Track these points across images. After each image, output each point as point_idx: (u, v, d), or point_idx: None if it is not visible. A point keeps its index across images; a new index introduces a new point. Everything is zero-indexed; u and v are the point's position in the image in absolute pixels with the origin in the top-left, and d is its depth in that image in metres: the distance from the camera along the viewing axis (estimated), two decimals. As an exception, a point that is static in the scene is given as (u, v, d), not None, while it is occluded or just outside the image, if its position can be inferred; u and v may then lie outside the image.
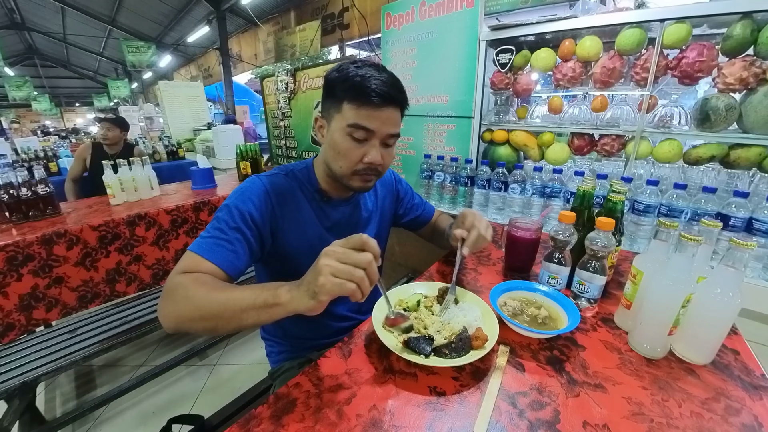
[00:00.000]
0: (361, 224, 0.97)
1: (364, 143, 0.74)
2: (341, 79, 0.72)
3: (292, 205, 0.82)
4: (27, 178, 1.55)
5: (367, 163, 0.75)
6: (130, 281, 1.67)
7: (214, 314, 0.58)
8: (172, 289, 0.62)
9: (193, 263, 0.66)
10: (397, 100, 0.74)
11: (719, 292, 0.60)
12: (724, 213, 1.05)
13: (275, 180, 0.82)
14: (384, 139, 0.76)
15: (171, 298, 0.61)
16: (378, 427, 0.51)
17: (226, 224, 0.71)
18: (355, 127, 0.72)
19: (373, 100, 0.70)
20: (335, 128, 0.74)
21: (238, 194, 0.76)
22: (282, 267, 0.85)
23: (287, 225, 0.81)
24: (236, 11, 7.90)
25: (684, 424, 0.51)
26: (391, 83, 0.72)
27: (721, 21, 1.13)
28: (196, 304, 0.58)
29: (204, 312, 0.58)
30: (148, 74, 13.98)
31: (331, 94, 0.74)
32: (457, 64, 1.67)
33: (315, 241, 0.86)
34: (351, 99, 0.71)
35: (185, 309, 0.59)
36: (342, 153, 0.75)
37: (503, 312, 0.73)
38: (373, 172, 0.78)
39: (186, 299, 0.59)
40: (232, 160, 2.71)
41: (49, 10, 10.08)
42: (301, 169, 0.87)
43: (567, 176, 1.46)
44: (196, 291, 0.59)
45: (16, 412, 1.27)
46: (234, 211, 0.73)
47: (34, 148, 3.84)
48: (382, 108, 0.71)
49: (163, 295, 0.63)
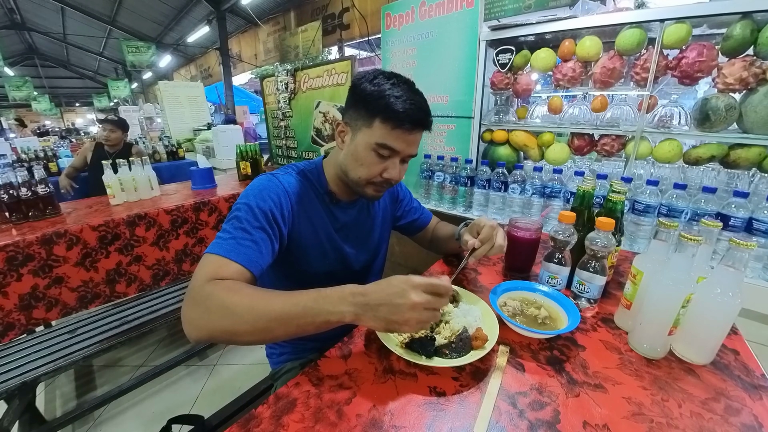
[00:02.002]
0: (367, 227, 0.97)
1: (386, 159, 0.76)
2: (376, 95, 0.71)
3: (306, 204, 0.83)
4: (27, 178, 1.55)
5: (386, 178, 0.77)
6: (131, 282, 1.67)
7: (261, 328, 0.56)
8: (203, 299, 0.58)
9: (219, 267, 0.63)
10: (426, 124, 0.76)
11: (719, 292, 0.60)
12: (724, 213, 1.05)
13: (291, 179, 0.82)
14: (404, 158, 0.79)
15: (203, 308, 0.57)
16: (378, 427, 0.51)
17: (249, 223, 0.70)
18: (384, 147, 0.73)
19: (405, 126, 0.71)
20: (362, 141, 0.75)
21: (257, 192, 0.75)
22: (290, 266, 0.85)
23: (301, 224, 0.82)
24: (236, 11, 7.90)
25: (684, 424, 0.51)
26: (425, 108, 0.75)
27: (721, 21, 1.13)
28: (242, 317, 0.55)
29: (250, 326, 0.55)
30: (148, 74, 13.99)
31: (363, 105, 0.74)
32: (457, 64, 1.67)
33: (325, 242, 0.87)
34: (384, 119, 0.71)
35: (226, 322, 0.56)
36: (364, 165, 0.76)
37: (503, 312, 0.73)
38: (386, 185, 0.80)
39: (224, 310, 0.56)
40: (232, 160, 2.71)
41: (49, 10, 10.07)
42: (311, 170, 0.87)
43: (567, 176, 1.46)
44: (239, 302, 0.56)
45: (16, 412, 1.27)
46: (256, 210, 0.71)
47: (34, 149, 3.84)
48: (413, 132, 0.74)
49: (190, 303, 0.59)
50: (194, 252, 1.87)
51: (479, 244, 0.81)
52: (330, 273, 0.90)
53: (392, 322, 0.54)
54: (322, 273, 0.89)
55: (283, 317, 0.55)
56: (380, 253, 1.05)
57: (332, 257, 0.90)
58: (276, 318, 0.55)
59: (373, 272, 1.05)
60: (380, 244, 1.03)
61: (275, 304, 0.56)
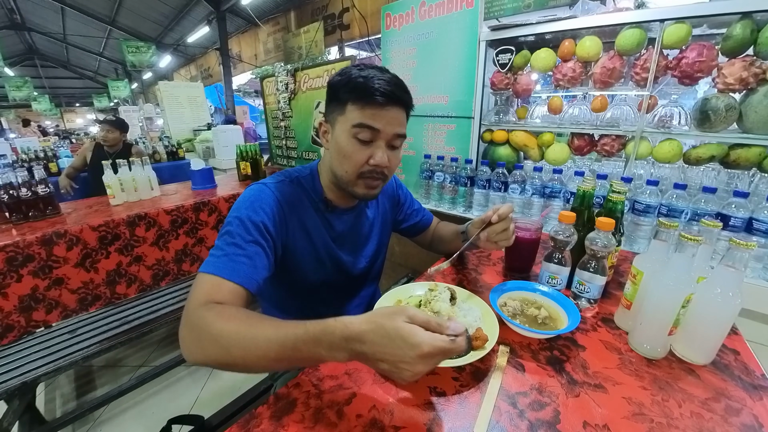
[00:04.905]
0: (365, 234, 0.95)
1: (370, 145, 0.72)
2: (344, 82, 0.71)
3: (301, 214, 0.81)
4: (27, 179, 1.55)
5: (373, 165, 0.73)
6: (131, 282, 1.67)
7: (252, 363, 0.52)
8: (195, 325, 0.56)
9: (213, 288, 0.61)
10: (402, 100, 0.72)
11: (719, 292, 0.60)
12: (724, 213, 1.05)
13: (283, 188, 0.79)
14: (390, 140, 0.74)
15: (196, 335, 0.55)
16: (378, 427, 0.51)
17: (241, 238, 0.67)
18: (360, 126, 0.70)
19: (377, 99, 0.68)
20: (340, 131, 0.73)
21: (248, 204, 0.72)
22: (285, 274, 0.83)
23: (296, 235, 0.80)
24: (236, 11, 7.90)
25: (684, 425, 0.51)
26: (395, 83, 0.71)
27: (721, 21, 1.13)
28: (230, 350, 0.52)
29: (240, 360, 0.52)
30: (148, 74, 13.99)
31: (335, 98, 0.73)
32: (457, 65, 1.67)
33: (321, 251, 0.85)
34: (355, 99, 0.70)
35: (217, 353, 0.53)
36: (347, 155, 0.73)
37: (503, 312, 0.73)
38: (379, 176, 0.76)
39: (214, 342, 0.53)
40: (232, 160, 2.71)
41: (49, 10, 10.07)
42: (305, 177, 0.84)
43: (567, 176, 1.46)
44: (228, 333, 0.52)
45: (15, 412, 1.27)
46: (248, 223, 0.69)
47: (34, 149, 3.84)
48: (387, 107, 0.70)
49: (185, 328, 0.57)
50: (194, 252, 1.87)
51: (497, 219, 0.79)
52: (326, 281, 0.89)
53: (405, 371, 0.45)
54: (318, 282, 0.87)
55: (273, 355, 0.51)
56: (379, 258, 1.03)
57: (329, 266, 0.88)
58: (265, 356, 0.51)
59: (371, 277, 1.03)
60: (379, 250, 1.01)
61: (264, 340, 0.51)
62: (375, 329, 0.45)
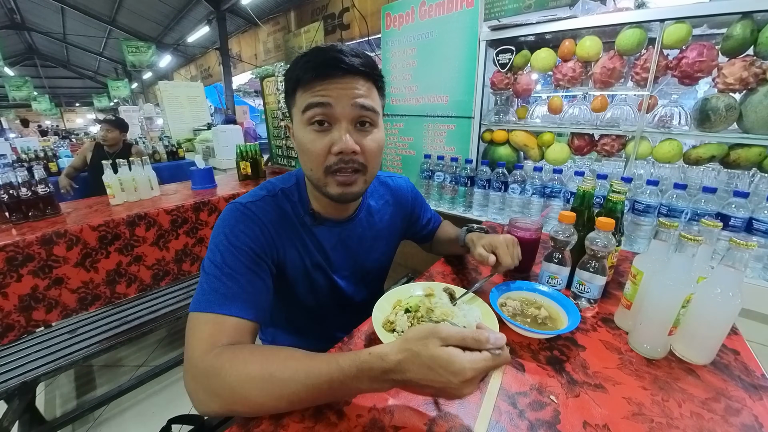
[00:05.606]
0: (364, 247, 0.85)
1: (329, 130, 0.62)
2: (290, 70, 0.63)
3: (288, 231, 0.73)
4: (27, 178, 1.55)
5: (337, 153, 0.61)
6: (131, 282, 1.67)
7: (283, 407, 0.50)
8: (205, 377, 0.51)
9: (214, 329, 0.55)
10: (354, 66, 0.60)
11: (719, 292, 0.60)
12: (724, 213, 1.05)
13: (265, 206, 0.70)
14: (353, 117, 0.62)
15: (209, 390, 0.50)
16: (378, 427, 0.51)
17: (229, 267, 0.61)
18: (310, 107, 0.60)
19: (322, 72, 0.59)
20: (297, 125, 0.65)
21: (229, 231, 0.64)
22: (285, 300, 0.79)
23: (285, 253, 0.73)
24: (236, 11, 7.89)
25: (684, 425, 0.51)
26: (340, 49, 0.60)
27: (721, 21, 1.13)
28: (256, 400, 0.49)
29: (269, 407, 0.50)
30: (148, 74, 13.98)
31: (288, 92, 0.66)
32: (457, 64, 1.67)
33: (311, 269, 0.77)
34: (300, 83, 0.61)
35: (239, 406, 0.50)
36: (306, 150, 0.63)
37: (503, 312, 0.73)
38: (349, 167, 0.63)
39: (234, 394, 0.49)
40: (232, 160, 2.71)
41: (49, 10, 10.07)
42: (290, 187, 0.75)
43: (567, 176, 1.46)
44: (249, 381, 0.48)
45: (15, 412, 1.27)
46: (234, 251, 0.62)
47: (34, 149, 3.84)
48: (337, 78, 0.59)
49: (193, 381, 0.52)
50: (194, 252, 1.87)
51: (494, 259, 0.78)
52: (323, 306, 0.84)
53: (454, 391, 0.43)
54: (314, 306, 0.83)
55: (305, 396, 0.48)
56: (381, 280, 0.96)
57: (326, 291, 0.82)
58: (298, 400, 0.48)
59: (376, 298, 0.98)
60: (385, 260, 0.93)
61: (294, 383, 0.47)
62: (411, 358, 0.43)
